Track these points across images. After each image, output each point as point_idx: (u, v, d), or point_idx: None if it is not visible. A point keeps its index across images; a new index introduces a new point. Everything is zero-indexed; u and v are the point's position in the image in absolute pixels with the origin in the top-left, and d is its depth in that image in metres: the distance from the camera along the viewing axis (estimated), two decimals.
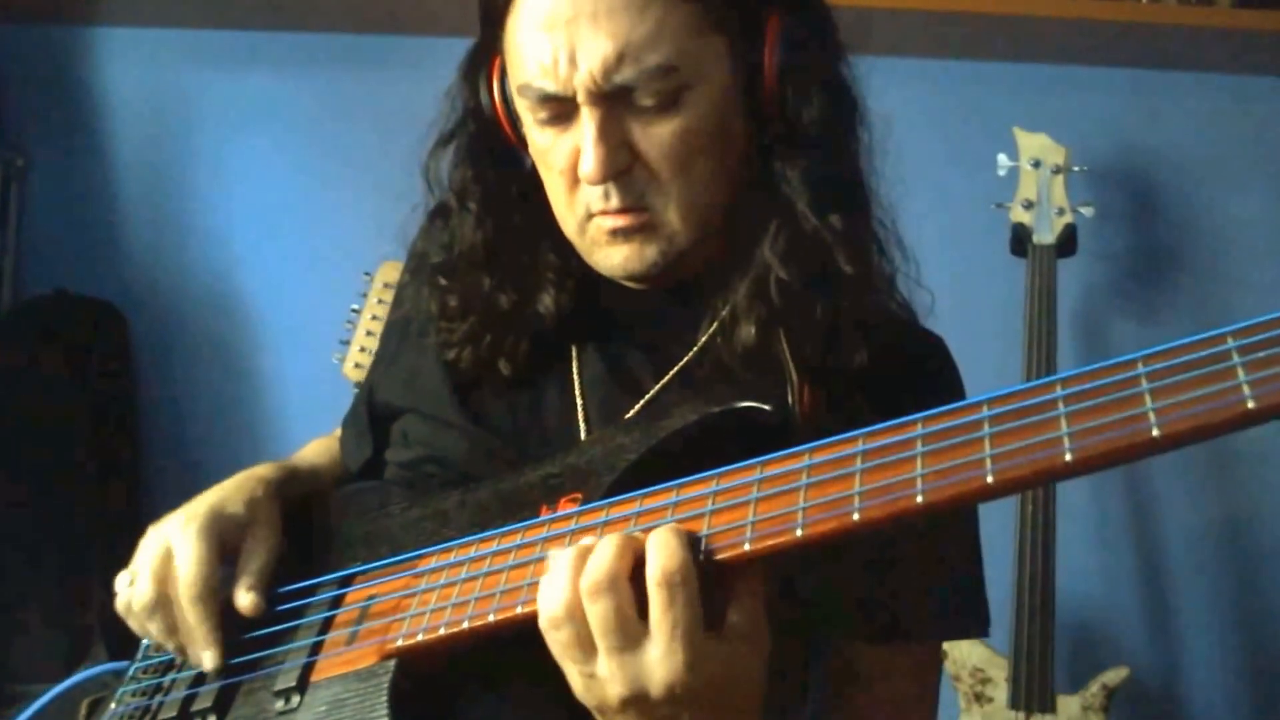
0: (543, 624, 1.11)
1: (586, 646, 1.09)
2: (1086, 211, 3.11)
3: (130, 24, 3.40)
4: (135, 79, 3.42)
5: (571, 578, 1.09)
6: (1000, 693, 2.95)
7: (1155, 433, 0.87)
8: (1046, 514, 2.94)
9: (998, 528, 2.79)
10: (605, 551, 1.09)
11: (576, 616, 1.09)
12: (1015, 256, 3.15)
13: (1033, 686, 2.90)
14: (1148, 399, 0.89)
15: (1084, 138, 3.30)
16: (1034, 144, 3.14)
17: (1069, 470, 0.92)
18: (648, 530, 1.10)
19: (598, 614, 1.07)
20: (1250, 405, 0.83)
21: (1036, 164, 3.13)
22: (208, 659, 1.36)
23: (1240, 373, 0.85)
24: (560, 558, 1.11)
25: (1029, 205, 3.10)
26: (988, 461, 0.96)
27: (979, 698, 2.96)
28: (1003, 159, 3.14)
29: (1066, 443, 0.91)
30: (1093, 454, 0.90)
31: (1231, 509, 3.42)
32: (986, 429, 0.98)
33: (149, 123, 3.42)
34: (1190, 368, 0.88)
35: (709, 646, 1.08)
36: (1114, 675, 2.96)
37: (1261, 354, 0.85)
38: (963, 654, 2.99)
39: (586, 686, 1.12)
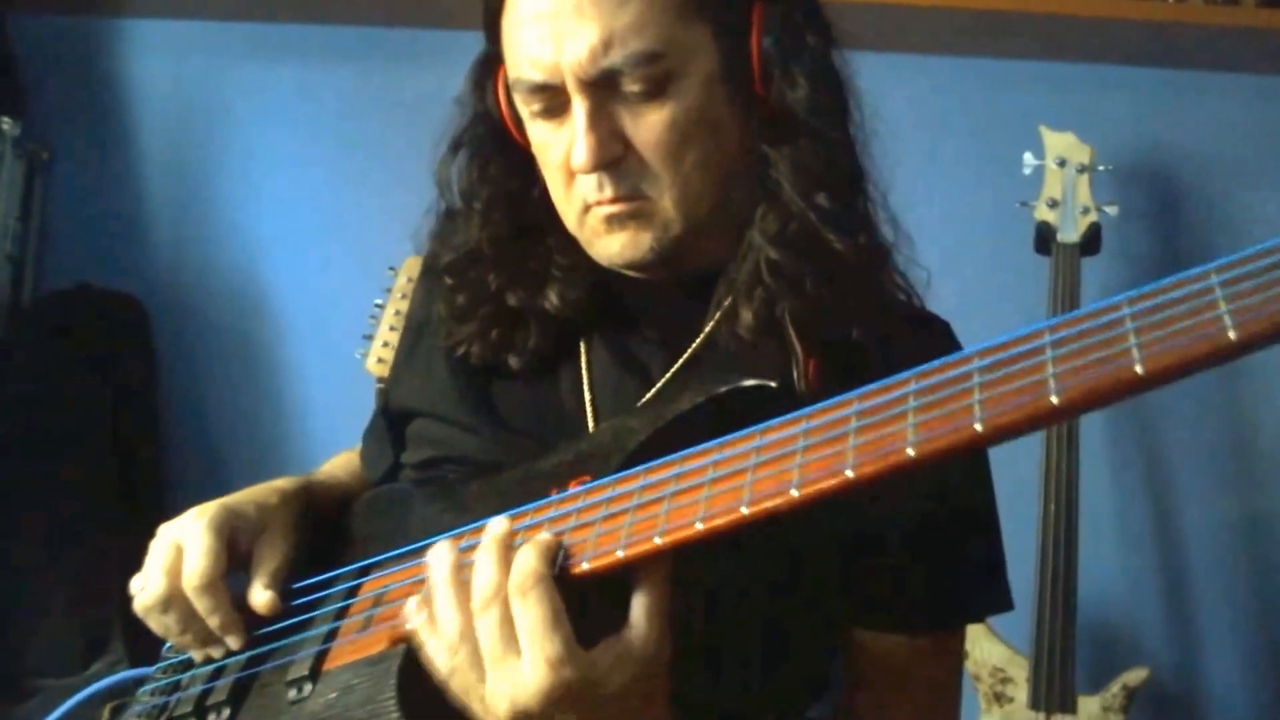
0: (443, 650, 1.14)
1: (479, 669, 1.12)
2: (1111, 211, 3.10)
3: (156, 16, 3.42)
4: (161, 71, 3.44)
5: (460, 599, 1.13)
6: (1020, 693, 2.93)
7: (1139, 369, 0.86)
8: (1069, 514, 2.94)
9: (1020, 527, 2.76)
10: (486, 566, 1.12)
11: (469, 636, 1.12)
12: (1039, 255, 3.14)
13: (1053, 686, 2.89)
14: (1131, 337, 0.88)
15: (1109, 137, 3.29)
16: (1060, 143, 3.14)
17: (1057, 413, 0.91)
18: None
19: (486, 626, 1.10)
20: (1231, 335, 0.83)
21: (1062, 163, 3.12)
22: (230, 643, 1.39)
23: (1222, 305, 0.84)
24: (440, 585, 1.15)
25: (1054, 204, 3.09)
26: (976, 409, 0.95)
27: (999, 698, 2.95)
28: (1028, 157, 3.13)
29: (1052, 385, 0.91)
30: (1077, 395, 0.89)
31: (1253, 509, 3.40)
32: (976, 378, 0.97)
33: (174, 116, 3.43)
34: (1174, 304, 0.88)
35: (576, 647, 1.10)
36: (1135, 676, 2.94)
37: (1243, 285, 0.85)
38: (983, 653, 2.98)
39: (481, 712, 1.14)
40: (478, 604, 1.11)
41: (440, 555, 1.17)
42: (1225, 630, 3.39)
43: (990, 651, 2.97)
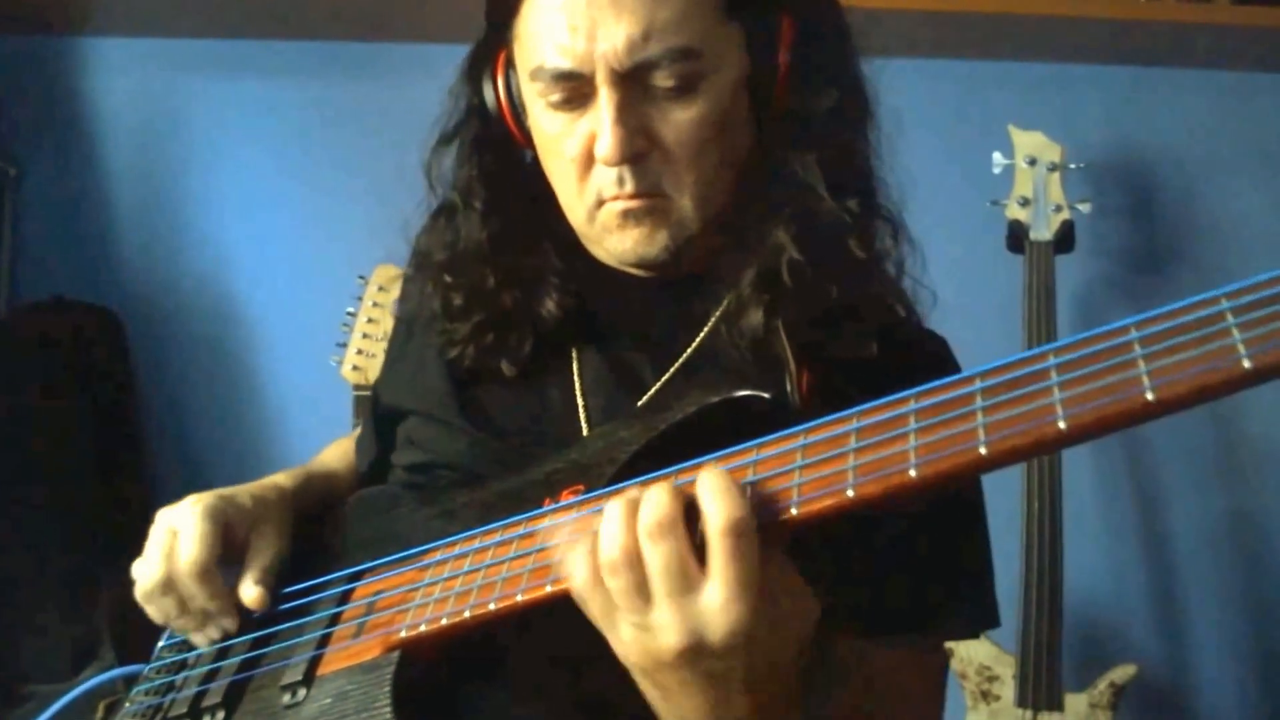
0: (603, 569, 1.07)
1: (644, 594, 1.05)
2: (1084, 208, 3.12)
3: (121, 34, 3.42)
4: (127, 88, 3.45)
5: (628, 523, 1.06)
6: (1007, 691, 2.94)
7: (1150, 397, 0.86)
8: (1053, 511, 2.95)
9: (1004, 525, 2.76)
10: (660, 497, 1.06)
11: (635, 562, 1.05)
12: (1013, 253, 3.16)
13: (1040, 684, 2.90)
14: (1141, 363, 0.88)
15: (1080, 135, 3.31)
16: (1029, 142, 3.16)
17: (1063, 439, 0.91)
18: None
19: (660, 556, 1.04)
20: (1246, 365, 0.82)
21: (1032, 161, 3.14)
22: (225, 625, 1.40)
23: (1235, 333, 0.84)
24: (613, 507, 1.08)
25: (1025, 202, 3.11)
26: (981, 433, 0.95)
27: (986, 696, 2.95)
28: (997, 157, 3.15)
29: (1059, 410, 0.91)
30: (1086, 421, 0.89)
31: (1239, 505, 3.42)
32: (979, 401, 0.97)
33: (141, 131, 3.44)
34: (1184, 330, 0.87)
35: (767, 602, 1.05)
36: (1122, 673, 2.95)
37: (1257, 314, 0.84)
38: (969, 652, 2.99)
39: (638, 639, 1.08)
40: (649, 529, 1.05)
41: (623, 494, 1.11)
42: (1212, 626, 3.40)
43: (976, 649, 2.98)
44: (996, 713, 2.94)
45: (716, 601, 1.03)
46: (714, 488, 1.04)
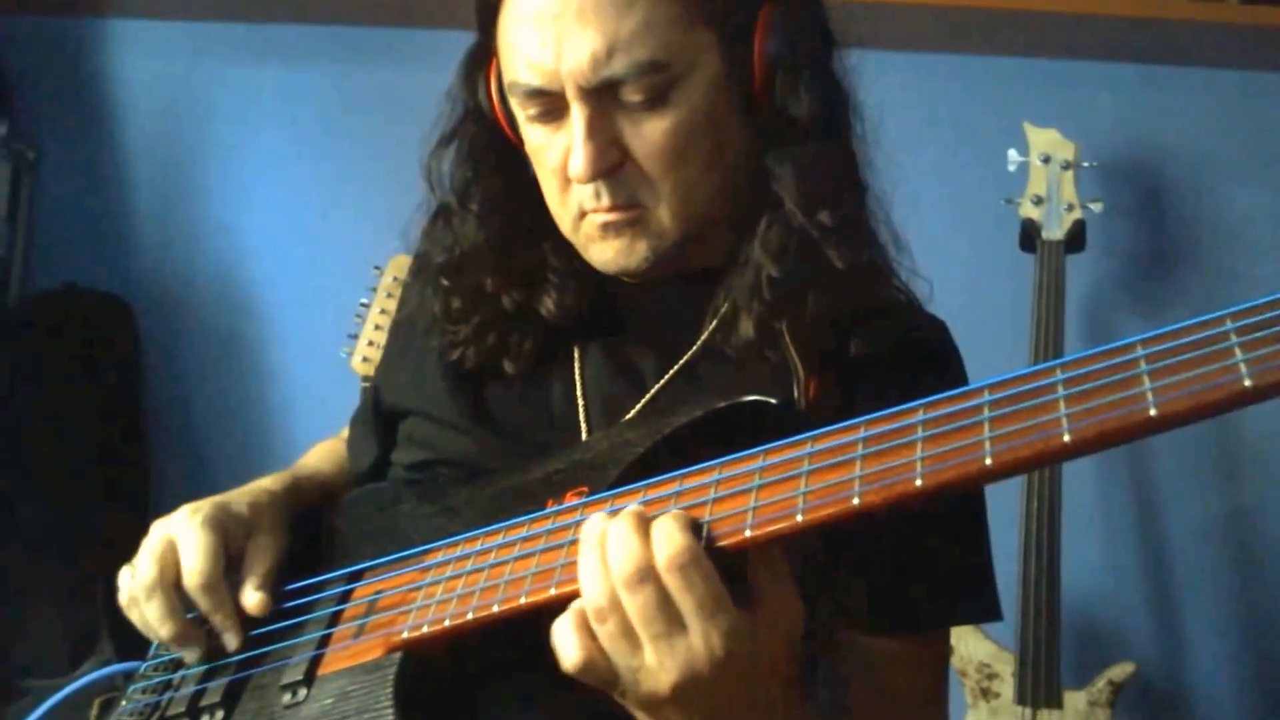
0: (590, 618, 1.09)
1: (631, 638, 1.08)
2: (1095, 207, 3.11)
3: (142, 16, 3.42)
4: (147, 72, 3.45)
5: (605, 569, 1.08)
6: (1007, 688, 2.95)
7: (1152, 412, 0.87)
8: (1052, 510, 2.95)
9: (1003, 523, 2.76)
10: (628, 541, 1.07)
11: (619, 607, 1.07)
12: (1024, 252, 3.15)
13: (1039, 682, 2.90)
14: (1146, 380, 0.89)
15: (1093, 133, 3.30)
16: (1044, 139, 3.15)
17: (1067, 451, 0.92)
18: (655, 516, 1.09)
19: (638, 605, 1.06)
20: (1247, 384, 0.84)
21: (1046, 159, 3.13)
22: (229, 641, 1.37)
23: (1237, 352, 0.85)
24: (588, 548, 1.10)
25: (1038, 201, 3.10)
26: (987, 444, 0.96)
27: (985, 693, 2.96)
28: (1013, 154, 3.14)
29: (1065, 424, 0.92)
30: (1090, 434, 0.90)
31: (1237, 503, 3.41)
32: (987, 413, 0.98)
33: (160, 116, 3.44)
34: (1188, 349, 0.89)
35: (742, 616, 1.07)
36: (1120, 670, 2.95)
37: (1259, 334, 0.85)
38: (969, 650, 2.99)
39: (635, 682, 1.09)
40: (625, 578, 1.06)
41: (591, 524, 1.12)
42: (1210, 624, 3.40)
43: (976, 648, 2.98)
44: (996, 710, 2.95)
45: (695, 634, 1.06)
46: (657, 530, 1.07)
